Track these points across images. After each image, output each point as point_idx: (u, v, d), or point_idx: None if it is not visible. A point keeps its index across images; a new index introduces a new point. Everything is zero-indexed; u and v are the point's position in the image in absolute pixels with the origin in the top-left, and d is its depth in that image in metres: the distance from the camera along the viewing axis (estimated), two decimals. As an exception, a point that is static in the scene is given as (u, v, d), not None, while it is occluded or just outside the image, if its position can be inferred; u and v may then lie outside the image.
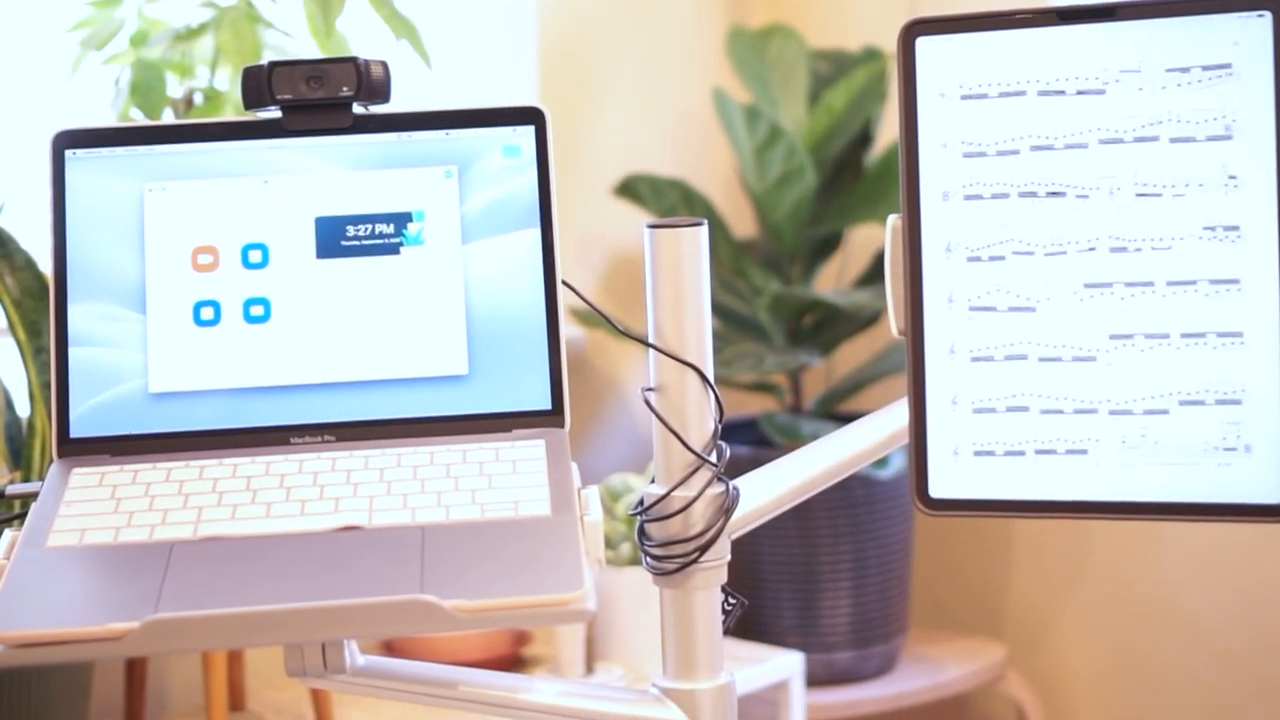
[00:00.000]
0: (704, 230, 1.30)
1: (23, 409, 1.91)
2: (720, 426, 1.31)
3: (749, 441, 2.63)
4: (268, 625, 1.11)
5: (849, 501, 2.57)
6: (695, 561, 1.29)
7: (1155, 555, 2.65)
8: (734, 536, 1.32)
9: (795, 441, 2.47)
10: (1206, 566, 2.61)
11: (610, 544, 2.33)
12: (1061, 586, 2.76)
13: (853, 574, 2.57)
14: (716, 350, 1.63)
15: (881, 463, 2.54)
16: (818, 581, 2.57)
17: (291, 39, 1.98)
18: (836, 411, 2.70)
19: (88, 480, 1.27)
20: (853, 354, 2.80)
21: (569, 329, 2.57)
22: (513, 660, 2.34)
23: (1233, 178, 1.17)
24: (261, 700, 2.25)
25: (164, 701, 2.27)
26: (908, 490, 2.62)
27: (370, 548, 1.19)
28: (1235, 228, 1.17)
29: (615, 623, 2.30)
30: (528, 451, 1.28)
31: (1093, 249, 1.21)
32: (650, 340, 1.30)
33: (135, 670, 2.13)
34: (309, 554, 1.18)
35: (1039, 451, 1.22)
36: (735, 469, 1.32)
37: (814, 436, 2.44)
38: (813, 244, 2.72)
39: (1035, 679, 2.77)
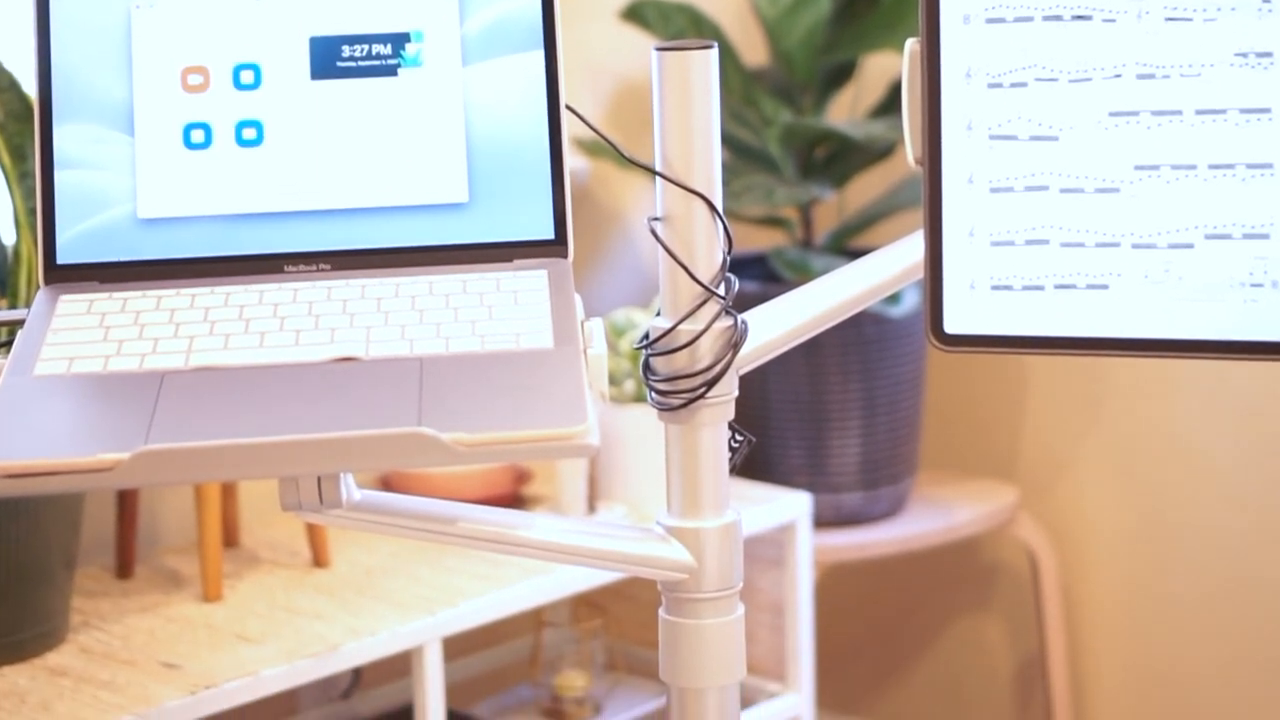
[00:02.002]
0: (714, 53, 1.29)
1: (8, 236, 1.90)
2: (729, 259, 1.30)
3: (758, 277, 2.62)
4: (261, 458, 1.12)
5: (860, 340, 2.57)
6: (702, 397, 1.29)
7: (1172, 397, 2.66)
8: (742, 372, 1.32)
9: (805, 277, 2.46)
10: (1225, 409, 2.61)
11: (614, 380, 2.33)
12: (1076, 429, 2.76)
13: (862, 414, 2.58)
14: (725, 183, 1.61)
15: (894, 300, 2.54)
16: (826, 421, 2.58)
17: None
18: (848, 247, 2.70)
19: (75, 308, 1.26)
20: (866, 187, 2.78)
21: (572, 160, 2.55)
22: (513, 499, 2.35)
23: (1267, 1, 1.15)
24: (255, 536, 2.27)
25: (156, 537, 2.28)
26: (920, 329, 2.62)
27: (367, 379, 1.18)
28: (1268, 54, 1.16)
29: (618, 461, 2.31)
30: (529, 282, 1.28)
31: (1119, 75, 1.19)
32: (657, 168, 1.29)
33: (126, 504, 2.14)
34: (304, 385, 1.18)
35: (1058, 286, 1.22)
36: (743, 305, 1.31)
37: (825, 272, 2.43)
38: (826, 72, 2.70)
39: (1047, 522, 2.78)
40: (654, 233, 1.30)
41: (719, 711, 1.32)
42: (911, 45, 1.23)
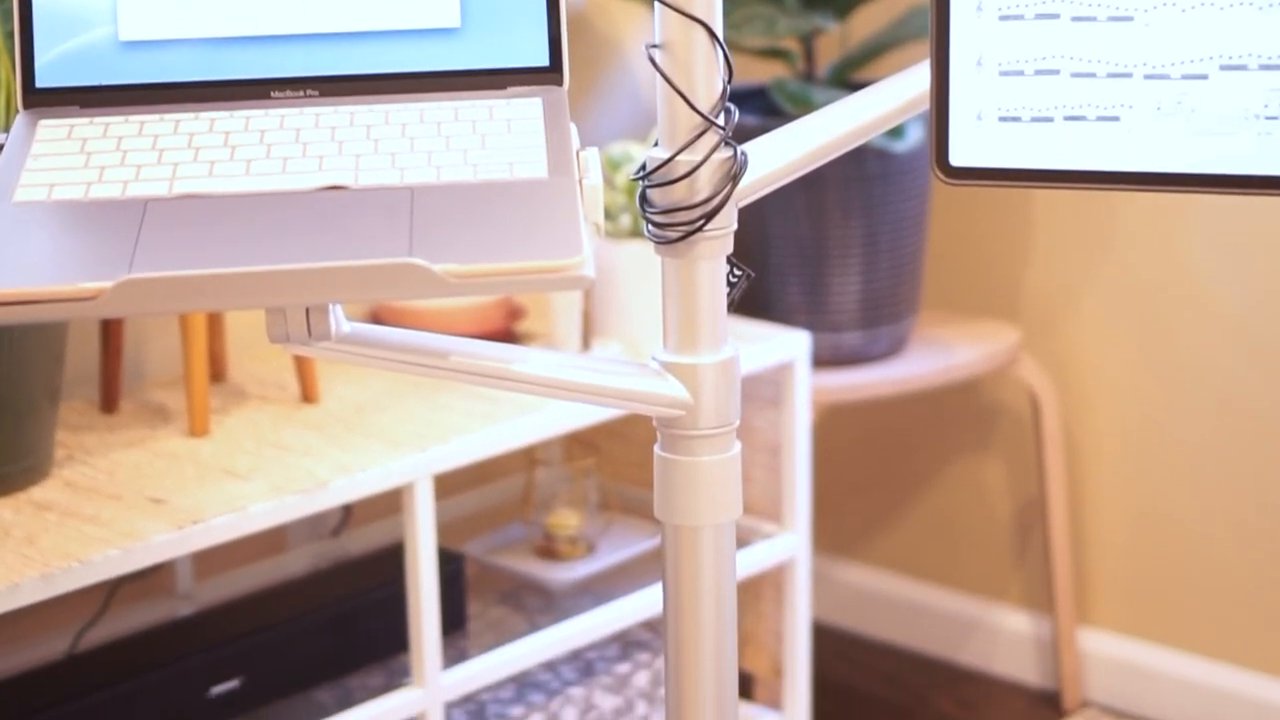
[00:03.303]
0: None
1: (-14, 60, 1.88)
2: (728, 89, 1.29)
3: (758, 111, 2.60)
4: (247, 287, 1.11)
5: (862, 175, 2.56)
6: (700, 230, 1.28)
7: (1181, 237, 2.65)
8: (741, 205, 1.31)
9: (806, 110, 2.44)
10: (1235, 249, 2.61)
11: (609, 215, 2.32)
12: (1081, 269, 2.76)
13: (863, 252, 2.57)
14: (726, 12, 1.58)
15: (897, 134, 2.52)
16: (826, 259, 2.57)
17: None
18: (851, 79, 2.67)
19: (56, 133, 1.25)
20: (871, 18, 2.75)
21: (568, -14, 2.53)
22: (505, 336, 2.35)
23: None
24: (243, 371, 2.27)
25: (141, 371, 2.29)
26: (923, 164, 2.61)
27: (356, 208, 1.18)
28: (1291, -123, 1.14)
29: (613, 298, 2.31)
30: (524, 110, 1.26)
31: (1136, -101, 1.17)
32: (656, -8, 1.27)
33: (110, 337, 2.14)
34: (291, 214, 1.17)
35: (1068, 118, 1.20)
36: (743, 138, 1.30)
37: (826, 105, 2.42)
38: (831, -102, 2.66)
39: (1050, 363, 2.79)
40: (652, 60, 1.28)
41: (714, 550, 1.33)
42: None
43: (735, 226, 1.31)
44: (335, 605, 2.12)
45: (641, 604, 2.25)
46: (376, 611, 2.14)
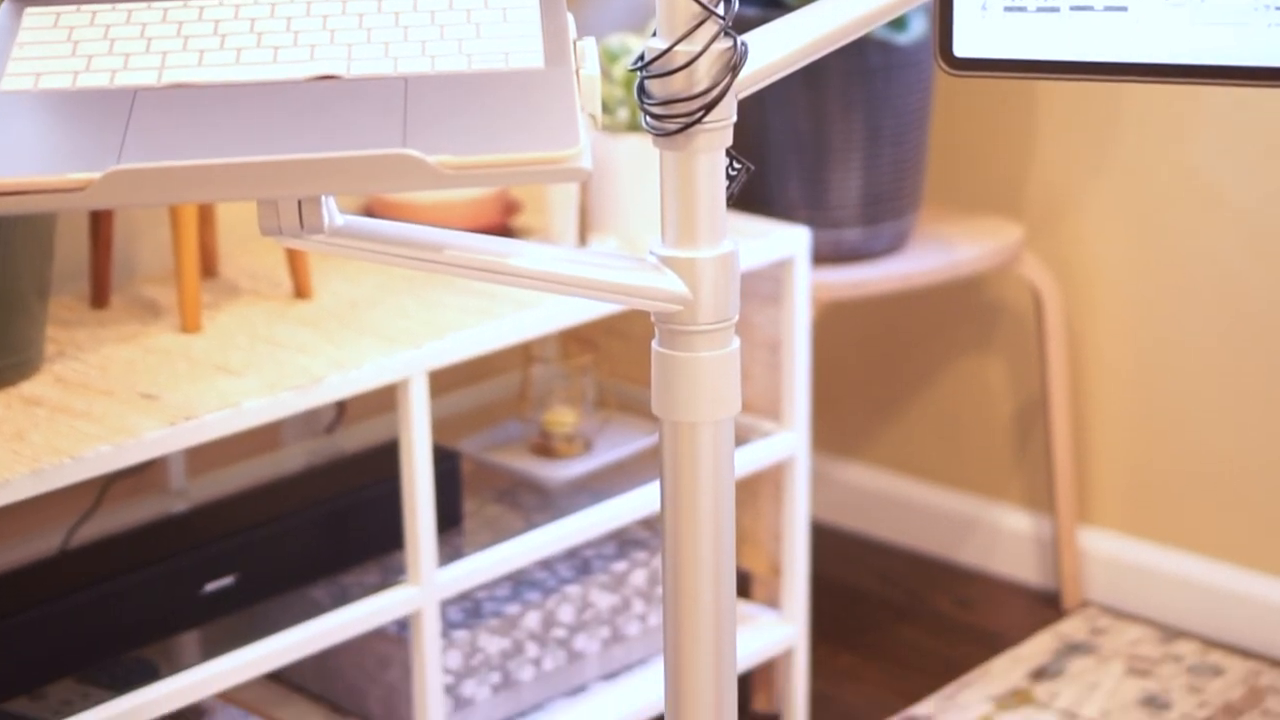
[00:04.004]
0: None
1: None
2: (729, -25, 1.28)
3: (758, 2, 2.58)
4: (238, 178, 1.10)
5: (864, 69, 2.54)
6: (699, 121, 1.27)
7: (1188, 132, 2.64)
8: (741, 96, 1.30)
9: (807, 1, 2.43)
10: (1243, 145, 2.60)
11: (607, 109, 2.31)
12: (1086, 164, 2.75)
13: (865, 147, 2.56)
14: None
15: (900, 26, 2.51)
16: (828, 154, 2.56)
17: None
18: (854, -29, 2.65)
19: (42, 21, 1.24)
20: (874, -92, 2.72)
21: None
22: (501, 231, 2.34)
23: None
24: (235, 266, 2.26)
25: (131, 266, 2.28)
26: (927, 57, 2.59)
27: (349, 98, 1.17)
28: None
29: (610, 193, 2.30)
30: (519, -2, 1.25)
31: None
32: (655, -123, 1.26)
33: (100, 230, 2.13)
34: (282, 104, 1.16)
35: (1074, 8, 1.19)
36: (743, 29, 1.29)
37: (829, -4, 2.40)
38: None
39: (1053, 261, 2.78)
40: (650, -53, 1.27)
41: (713, 446, 1.33)
42: None
43: (735, 119, 1.30)
44: (330, 502, 2.12)
45: (639, 502, 2.26)
46: (371, 509, 2.14)
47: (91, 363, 2.00)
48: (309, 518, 2.10)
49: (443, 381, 2.53)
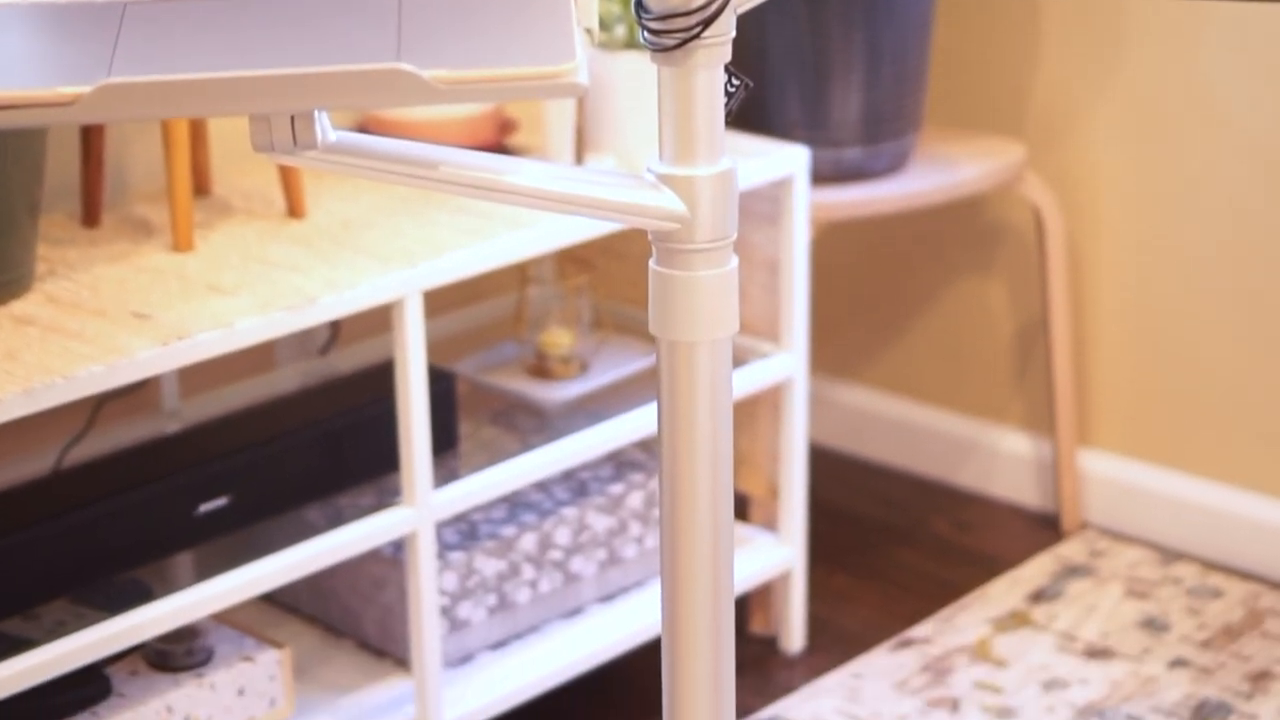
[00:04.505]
0: None
1: None
2: (728, -113, 1.27)
3: (758, -83, 2.56)
4: (229, 92, 1.10)
5: (864, -15, 2.53)
6: (697, 36, 1.26)
7: (1193, 50, 2.62)
8: (740, 11, 1.29)
9: (808, -83, 2.41)
10: (1248, 63, 2.58)
11: (604, 25, 2.29)
12: (1089, 83, 2.74)
13: (866, 64, 2.55)
14: None
15: (902, -57, 2.49)
16: (828, 72, 2.55)
17: None
18: (855, -115, 2.63)
19: (30, -68, 1.23)
20: None
21: None
22: (497, 150, 2.33)
23: None
24: (227, 184, 2.26)
25: (123, 184, 2.27)
26: (929, -26, 2.58)
27: (342, 12, 1.16)
28: None
29: (608, 111, 2.29)
30: (515, -90, 1.24)
31: None
32: None
33: (91, 148, 2.12)
34: (275, 17, 1.15)
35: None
36: (743, -62, 1.28)
37: (829, -89, 2.38)
38: None
39: (1055, 180, 2.77)
40: None
41: (710, 366, 1.32)
42: None
43: (734, 34, 1.29)
44: (325, 423, 2.12)
45: (636, 424, 2.26)
46: (367, 430, 2.14)
47: (83, 282, 1.99)
48: (303, 439, 2.10)
49: (438, 302, 2.52)
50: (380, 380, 2.18)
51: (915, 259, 2.98)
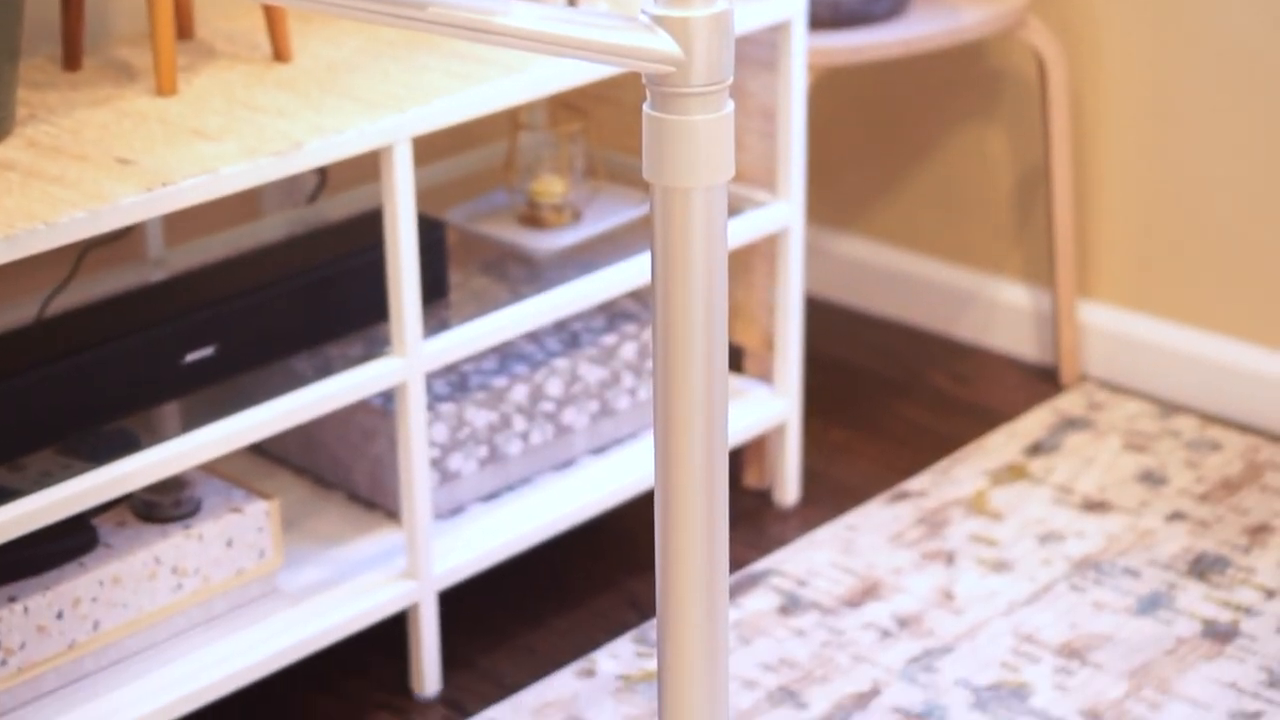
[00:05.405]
0: None
1: None
2: None
3: None
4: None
5: None
6: (693, -128, 1.25)
7: (1202, -107, 2.60)
8: None
9: None
10: (1257, -94, 2.56)
11: None
12: (1095, -74, 2.71)
13: (865, -95, 2.52)
14: None
15: None
16: (826, -87, 2.52)
17: None
18: None
19: None
20: None
21: None
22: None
23: None
24: (212, 28, 2.23)
25: (104, 27, 2.25)
26: None
27: None
28: None
29: (601, -48, 2.26)
30: None
31: None
32: None
33: (72, -9, 2.10)
34: None
35: None
36: None
37: None
38: None
39: (1058, 26, 2.75)
40: None
41: (705, 213, 1.31)
42: None
43: None
44: (313, 272, 2.12)
45: (629, 273, 2.25)
46: (355, 279, 2.14)
47: (64, 126, 1.97)
48: (291, 288, 2.10)
49: (428, 149, 2.51)
50: (369, 229, 2.17)
51: (915, 107, 2.96)
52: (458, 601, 2.31)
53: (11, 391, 1.89)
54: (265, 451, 2.33)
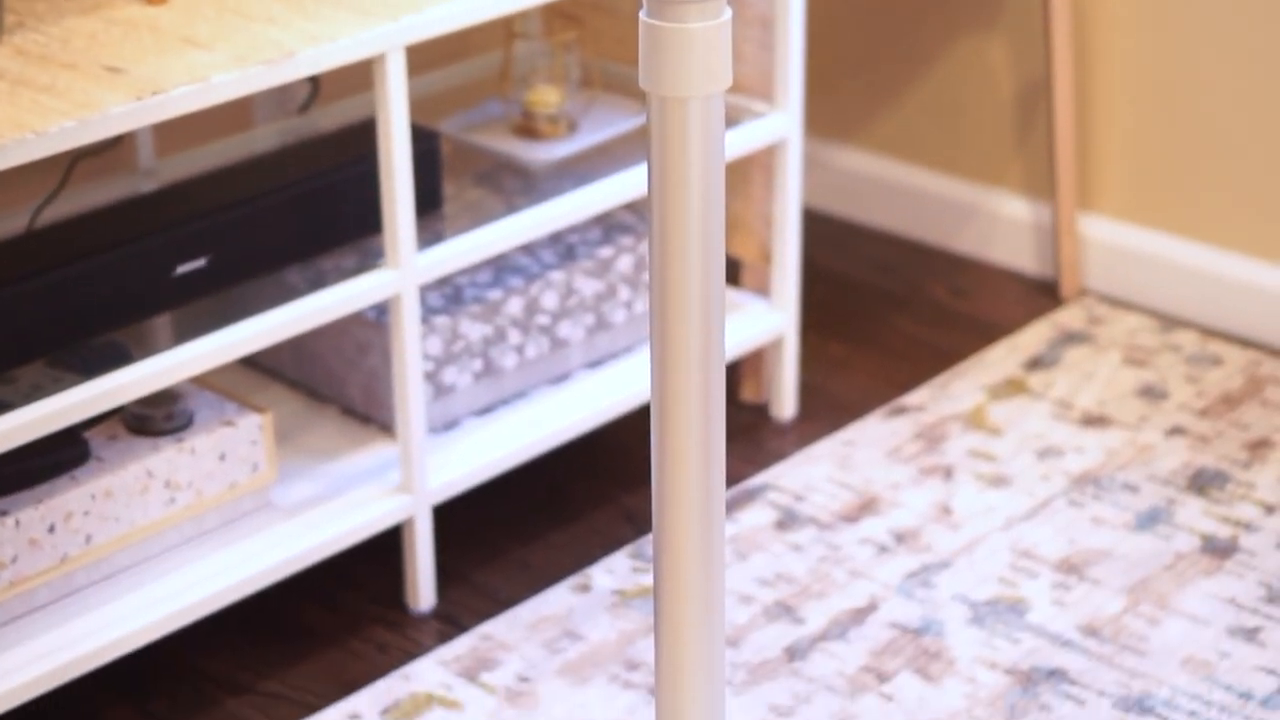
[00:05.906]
0: None
1: None
2: None
3: None
4: None
5: None
6: None
7: None
8: None
9: None
10: None
11: None
12: None
13: None
14: None
15: None
16: None
17: None
18: None
19: None
20: None
21: None
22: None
23: None
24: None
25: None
26: None
27: None
28: None
29: None
30: None
31: None
32: None
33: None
34: None
35: None
36: None
37: None
38: None
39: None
40: None
41: (702, 123, 1.31)
42: None
43: None
44: (305, 183, 2.11)
45: (625, 185, 2.24)
46: (348, 190, 2.13)
47: (53, 34, 1.96)
48: (283, 198, 2.09)
49: (421, 58, 2.49)
50: (362, 139, 2.16)
51: (915, 16, 2.94)
52: (452, 516, 2.31)
53: (1, 303, 1.88)
54: (258, 365, 2.33)
